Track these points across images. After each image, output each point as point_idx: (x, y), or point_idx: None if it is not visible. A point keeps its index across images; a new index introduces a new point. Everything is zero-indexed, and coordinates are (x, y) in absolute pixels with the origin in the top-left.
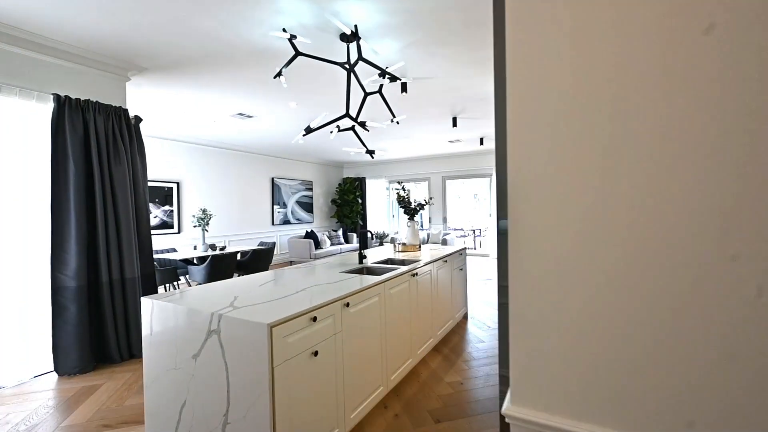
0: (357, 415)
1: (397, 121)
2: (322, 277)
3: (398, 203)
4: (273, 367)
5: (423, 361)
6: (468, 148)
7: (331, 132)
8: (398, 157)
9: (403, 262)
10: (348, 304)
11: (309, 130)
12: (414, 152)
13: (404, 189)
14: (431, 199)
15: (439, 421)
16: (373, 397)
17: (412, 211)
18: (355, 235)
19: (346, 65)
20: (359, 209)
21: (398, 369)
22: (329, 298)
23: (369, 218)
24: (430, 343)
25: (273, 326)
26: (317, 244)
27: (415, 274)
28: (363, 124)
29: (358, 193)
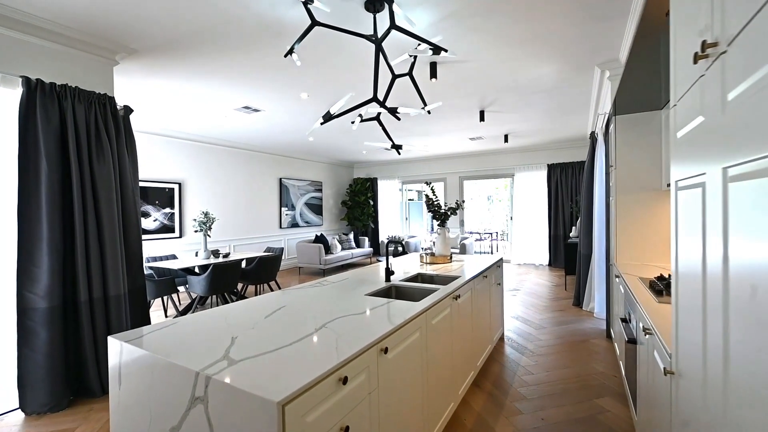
0: None
1: (429, 111)
2: (343, 302)
3: (427, 207)
4: None
5: (464, 402)
6: (489, 146)
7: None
8: (412, 157)
9: (432, 278)
10: (386, 349)
11: (329, 117)
12: (429, 151)
13: (433, 191)
14: (463, 202)
15: None
16: None
17: (442, 216)
18: (366, 239)
19: (372, 38)
20: (371, 211)
21: (440, 420)
22: (363, 344)
23: (381, 221)
24: (471, 377)
25: (286, 404)
26: (327, 249)
27: (457, 297)
28: (393, 111)
29: (369, 195)
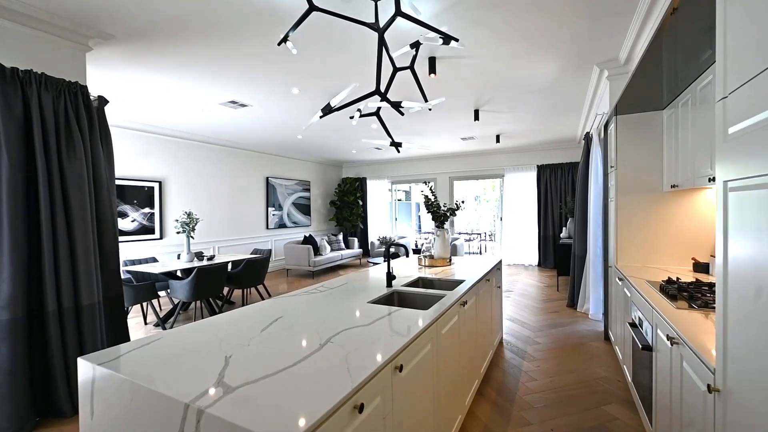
0: None
1: (430, 108)
2: (345, 311)
3: (426, 207)
4: None
5: (471, 414)
6: (480, 147)
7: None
8: (402, 156)
9: (435, 283)
10: (401, 367)
11: (328, 110)
12: (420, 150)
13: (432, 191)
14: (462, 202)
15: None
16: None
17: (441, 218)
18: (356, 240)
19: (375, 26)
20: (360, 212)
21: None
22: (376, 362)
23: (370, 221)
24: (476, 386)
25: None
26: (316, 250)
27: (464, 303)
28: (397, 105)
29: (358, 195)
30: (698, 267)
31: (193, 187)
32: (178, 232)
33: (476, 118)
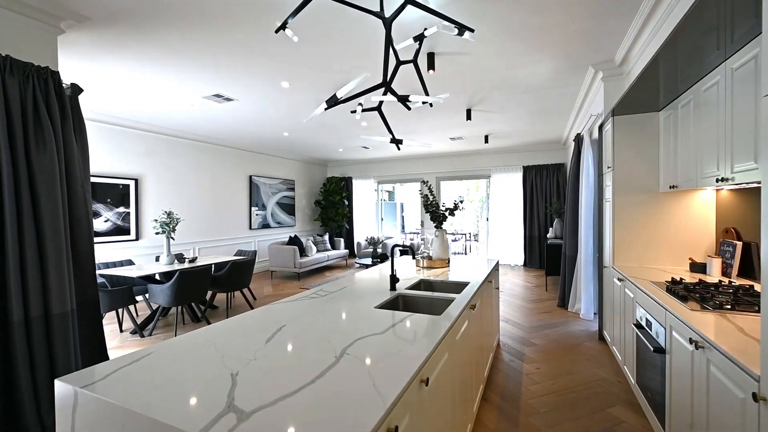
0: None
1: (431, 104)
2: (353, 318)
3: (425, 207)
4: None
5: (478, 421)
6: (468, 147)
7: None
8: (388, 156)
9: (435, 285)
10: (427, 380)
11: (334, 102)
12: (406, 150)
13: (431, 190)
14: (461, 201)
15: None
16: None
17: (440, 217)
18: (342, 240)
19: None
20: (346, 211)
21: None
22: (403, 377)
23: (356, 221)
24: (481, 391)
25: None
26: (302, 251)
27: (473, 307)
28: (404, 100)
29: (344, 194)
30: (695, 267)
31: (171, 185)
32: (157, 233)
33: (468, 117)
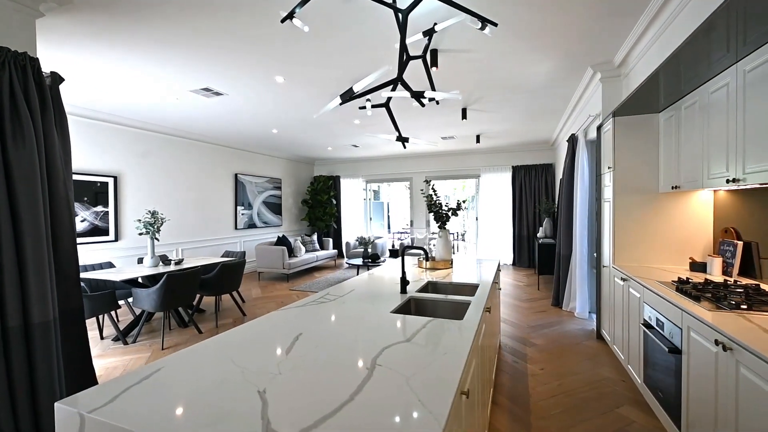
0: None
1: (437, 101)
2: (372, 324)
3: (428, 207)
4: None
5: (492, 427)
6: (458, 147)
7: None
8: (378, 155)
9: (445, 287)
10: (468, 392)
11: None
12: (395, 149)
13: (434, 189)
14: (464, 201)
15: None
16: None
17: (443, 218)
18: (330, 241)
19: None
20: (334, 211)
21: None
22: (446, 391)
23: (344, 221)
24: (490, 395)
25: None
26: (291, 252)
27: (489, 309)
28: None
29: (332, 193)
30: (696, 266)
31: (153, 183)
32: (140, 234)
33: (464, 116)
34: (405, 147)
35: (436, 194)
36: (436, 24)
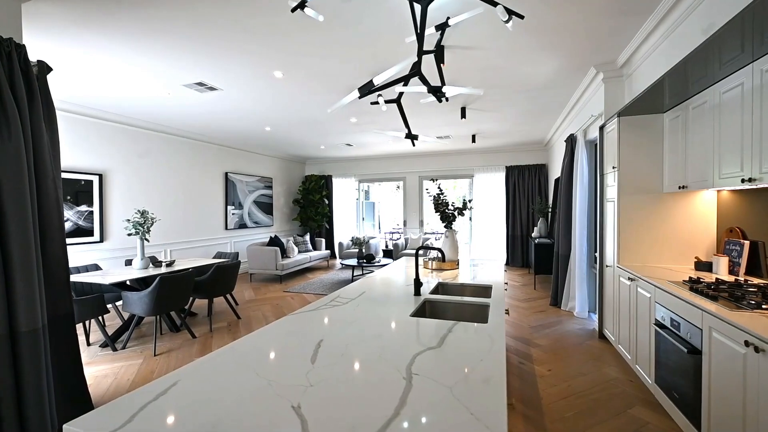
0: None
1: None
2: (395, 329)
3: (434, 207)
4: None
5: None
6: (453, 146)
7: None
8: (371, 154)
9: (456, 288)
10: (512, 403)
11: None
12: (389, 148)
13: (440, 189)
14: (470, 201)
15: None
16: None
17: (450, 217)
18: (323, 241)
19: None
20: (326, 211)
21: None
22: (497, 403)
23: (336, 221)
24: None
25: None
26: (283, 253)
27: (507, 311)
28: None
29: (324, 193)
30: (701, 266)
31: (140, 182)
32: (129, 234)
33: (463, 115)
34: (414, 145)
35: (442, 194)
36: (449, 18)
